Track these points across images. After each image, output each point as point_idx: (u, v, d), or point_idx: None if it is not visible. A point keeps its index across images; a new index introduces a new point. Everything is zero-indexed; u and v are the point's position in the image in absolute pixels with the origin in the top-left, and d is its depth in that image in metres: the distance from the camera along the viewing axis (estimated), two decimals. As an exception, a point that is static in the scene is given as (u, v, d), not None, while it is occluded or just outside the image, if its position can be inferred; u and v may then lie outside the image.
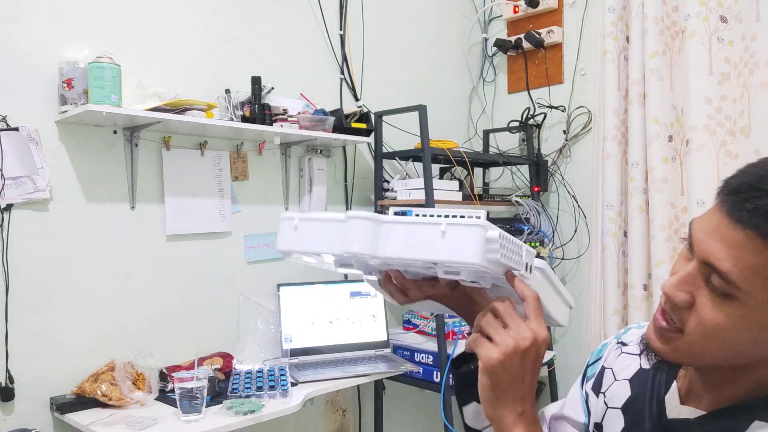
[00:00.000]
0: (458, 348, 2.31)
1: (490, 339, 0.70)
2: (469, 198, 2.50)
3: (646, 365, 0.80)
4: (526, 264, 0.73)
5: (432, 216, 0.71)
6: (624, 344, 0.87)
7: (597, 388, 0.85)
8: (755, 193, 0.59)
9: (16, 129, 1.71)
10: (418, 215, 0.72)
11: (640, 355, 0.82)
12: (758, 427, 0.64)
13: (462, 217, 0.70)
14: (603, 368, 0.87)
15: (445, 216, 0.70)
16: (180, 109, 1.85)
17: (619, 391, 0.81)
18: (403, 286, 0.79)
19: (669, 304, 0.66)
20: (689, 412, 0.71)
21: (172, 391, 1.72)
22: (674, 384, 0.75)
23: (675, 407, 0.73)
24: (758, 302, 0.59)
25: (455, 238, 0.66)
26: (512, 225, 2.64)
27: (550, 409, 0.93)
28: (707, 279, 0.62)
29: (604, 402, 0.82)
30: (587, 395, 0.87)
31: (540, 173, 2.81)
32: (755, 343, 0.62)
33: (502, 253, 0.66)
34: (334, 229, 0.73)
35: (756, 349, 0.63)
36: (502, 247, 0.66)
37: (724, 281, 0.60)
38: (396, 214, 0.74)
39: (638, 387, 0.79)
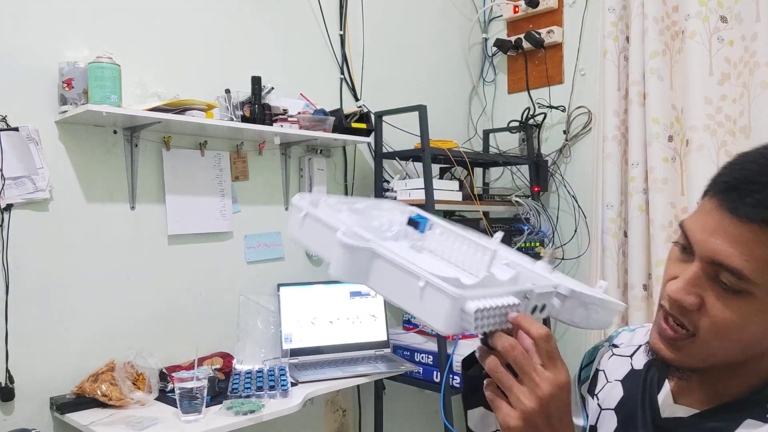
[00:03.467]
0: (459, 348, 2.31)
1: (507, 395, 0.64)
2: (469, 198, 2.50)
3: (637, 366, 0.80)
4: (535, 307, 0.67)
5: (434, 230, 0.67)
6: (615, 346, 0.87)
7: (592, 391, 0.85)
8: (753, 186, 0.59)
9: (16, 129, 1.71)
10: (433, 225, 0.68)
11: (631, 356, 0.82)
12: (751, 425, 0.64)
13: (475, 243, 0.65)
14: (597, 371, 0.86)
15: (448, 239, 0.65)
16: (180, 109, 1.85)
17: (612, 392, 0.81)
18: None
19: (677, 309, 0.64)
20: (683, 411, 0.71)
21: (172, 391, 1.72)
22: (666, 383, 0.75)
23: (668, 406, 0.73)
24: None
25: (429, 300, 0.60)
26: (512, 225, 2.64)
27: None
28: (714, 278, 0.62)
29: (598, 404, 0.82)
30: (584, 398, 0.87)
31: (540, 173, 2.81)
32: (765, 336, 0.63)
33: (478, 325, 0.59)
34: (330, 240, 0.69)
35: (765, 341, 0.64)
36: (479, 319, 0.59)
37: (736, 278, 0.60)
38: (411, 219, 0.71)
39: (630, 387, 0.79)
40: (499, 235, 0.68)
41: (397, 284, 0.64)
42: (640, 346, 0.83)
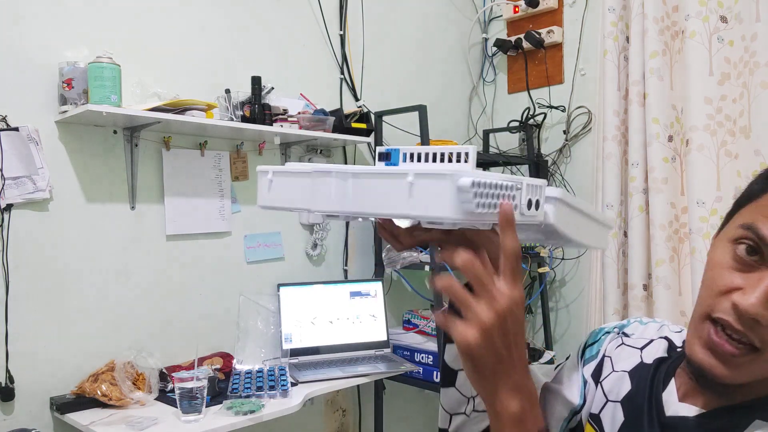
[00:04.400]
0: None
1: (461, 314, 0.61)
2: (469, 198, 2.50)
3: (647, 360, 0.79)
4: (529, 201, 0.64)
5: (411, 158, 0.64)
6: (626, 335, 0.85)
7: (597, 377, 0.83)
8: None
9: (16, 129, 1.71)
10: (406, 154, 0.66)
11: (641, 349, 0.81)
12: (759, 427, 0.63)
13: (443, 158, 0.63)
14: (603, 356, 0.84)
15: (423, 158, 0.63)
16: (180, 109, 1.85)
17: (619, 383, 0.79)
18: (394, 232, 0.70)
19: (749, 324, 0.59)
20: (688, 410, 0.69)
21: (172, 391, 1.72)
22: (672, 381, 0.73)
23: (673, 405, 0.71)
24: None
25: (423, 192, 0.58)
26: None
27: (542, 374, 0.89)
28: None
29: (604, 394, 0.80)
30: (586, 381, 0.84)
31: (540, 173, 2.81)
32: None
33: (478, 202, 0.57)
34: (302, 185, 0.67)
35: None
36: (477, 196, 0.57)
37: None
38: (380, 154, 0.68)
39: (638, 381, 0.77)
40: (473, 148, 0.66)
41: (383, 194, 0.60)
42: (652, 340, 0.81)
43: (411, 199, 0.58)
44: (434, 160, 0.67)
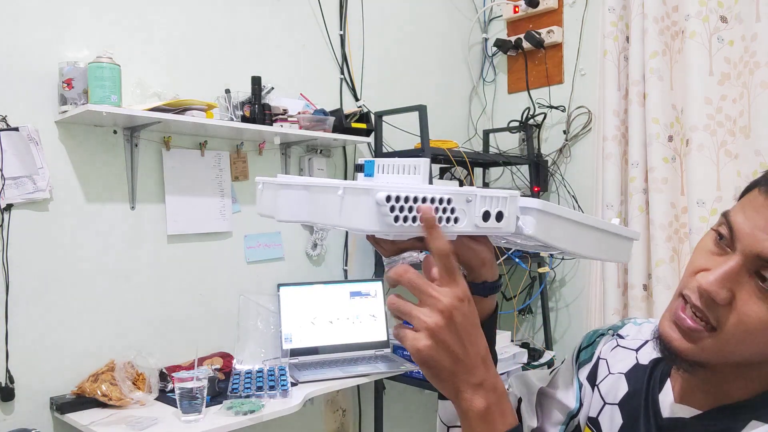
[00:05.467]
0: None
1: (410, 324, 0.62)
2: (469, 198, 2.50)
3: (643, 361, 0.79)
4: (487, 213, 0.64)
5: (382, 170, 0.68)
6: (620, 337, 0.85)
7: (593, 380, 0.83)
8: None
9: (16, 129, 1.71)
10: (379, 165, 0.70)
11: (637, 350, 0.81)
12: (755, 427, 0.63)
13: (402, 170, 0.66)
14: (598, 359, 0.84)
15: (389, 170, 0.66)
16: (180, 109, 1.85)
17: (616, 386, 0.79)
18: (376, 238, 0.71)
19: (705, 302, 0.63)
20: (685, 411, 0.69)
21: (172, 391, 1.72)
22: (668, 382, 0.74)
23: (669, 406, 0.71)
24: None
25: (350, 205, 0.60)
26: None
27: (535, 380, 0.89)
28: (754, 275, 0.61)
29: (601, 396, 0.80)
30: (581, 384, 0.85)
31: (540, 173, 2.81)
32: None
33: (397, 216, 0.58)
34: (273, 195, 0.73)
35: None
36: (395, 210, 0.58)
37: None
38: (357, 166, 0.73)
39: (635, 383, 0.77)
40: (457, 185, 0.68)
41: (325, 205, 0.64)
42: (647, 341, 0.81)
43: (342, 212, 0.61)
44: (397, 172, 0.71)
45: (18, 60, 1.72)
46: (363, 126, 2.33)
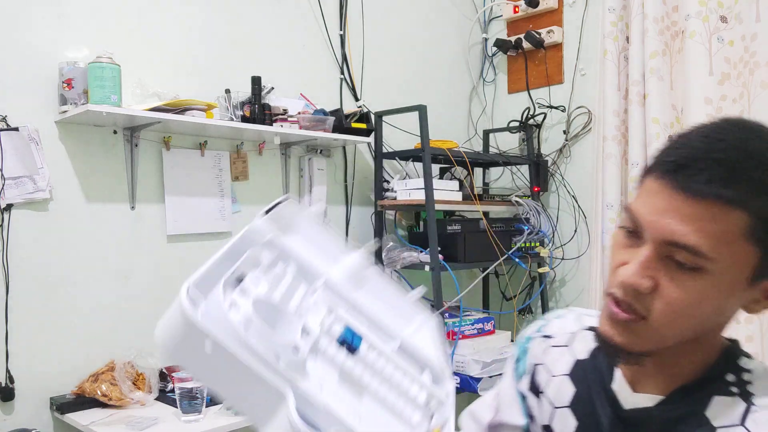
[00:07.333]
0: (458, 348, 2.30)
1: None
2: (469, 198, 2.50)
3: (581, 356, 0.78)
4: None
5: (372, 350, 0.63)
6: (548, 337, 0.84)
7: (535, 389, 0.81)
8: (704, 163, 0.60)
9: (16, 129, 1.71)
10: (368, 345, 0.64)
11: (569, 345, 0.80)
12: (720, 402, 0.65)
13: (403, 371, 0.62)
14: (534, 365, 0.83)
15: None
16: (180, 109, 1.85)
17: (562, 388, 0.78)
18: None
19: (631, 293, 0.63)
20: (646, 400, 0.69)
21: (172, 391, 1.72)
22: (617, 372, 0.73)
23: (628, 396, 0.71)
24: (726, 267, 0.60)
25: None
26: (512, 225, 2.64)
27: (483, 412, 0.88)
28: (667, 259, 0.62)
29: (549, 402, 0.79)
30: (524, 396, 0.83)
31: (540, 173, 2.81)
32: (719, 311, 0.64)
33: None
34: (177, 327, 0.58)
35: (716, 318, 0.65)
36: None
37: (693, 255, 0.60)
38: (343, 339, 0.63)
39: (581, 380, 0.76)
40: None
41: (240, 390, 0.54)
42: (575, 333, 0.81)
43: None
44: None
45: (18, 60, 1.72)
46: (363, 126, 2.33)
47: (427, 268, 2.35)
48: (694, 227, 0.59)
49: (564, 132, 2.82)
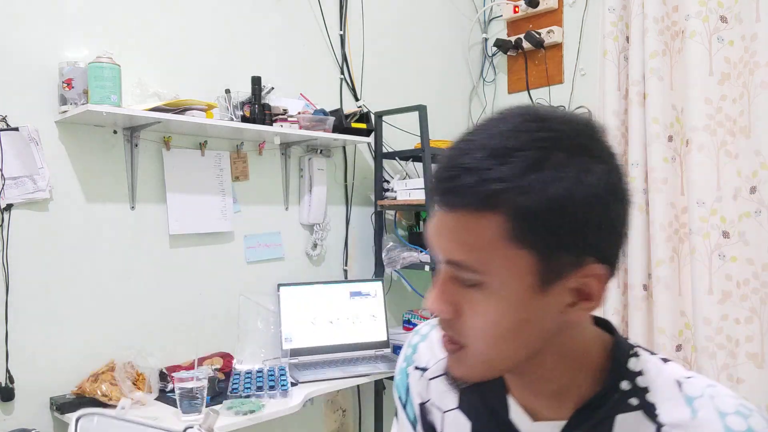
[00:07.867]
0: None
1: None
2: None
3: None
4: None
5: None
6: (423, 369, 0.79)
7: (432, 429, 0.76)
8: (449, 173, 0.57)
9: (16, 129, 1.71)
10: None
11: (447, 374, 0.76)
12: (623, 423, 0.62)
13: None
14: (421, 405, 0.78)
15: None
16: (180, 109, 1.85)
17: (457, 423, 0.73)
18: None
19: (444, 323, 0.61)
20: (549, 428, 0.65)
21: (172, 391, 1.72)
22: (510, 399, 0.68)
23: (530, 426, 0.66)
24: (505, 278, 0.57)
25: None
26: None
27: None
28: (457, 280, 0.59)
29: None
30: None
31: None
32: (526, 323, 0.58)
33: None
34: None
35: (531, 329, 0.59)
36: None
37: (468, 271, 0.57)
38: None
39: (474, 414, 0.71)
40: None
41: None
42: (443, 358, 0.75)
43: None
44: None
45: (18, 60, 1.72)
46: (363, 126, 2.33)
47: (427, 268, 2.35)
48: (458, 242, 0.57)
49: (564, 132, 2.82)
